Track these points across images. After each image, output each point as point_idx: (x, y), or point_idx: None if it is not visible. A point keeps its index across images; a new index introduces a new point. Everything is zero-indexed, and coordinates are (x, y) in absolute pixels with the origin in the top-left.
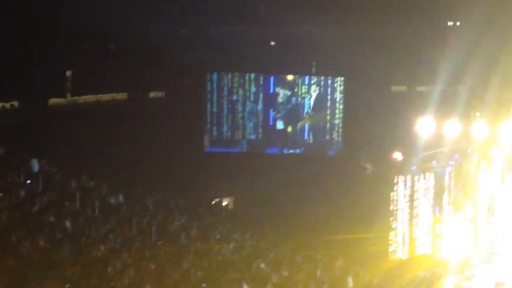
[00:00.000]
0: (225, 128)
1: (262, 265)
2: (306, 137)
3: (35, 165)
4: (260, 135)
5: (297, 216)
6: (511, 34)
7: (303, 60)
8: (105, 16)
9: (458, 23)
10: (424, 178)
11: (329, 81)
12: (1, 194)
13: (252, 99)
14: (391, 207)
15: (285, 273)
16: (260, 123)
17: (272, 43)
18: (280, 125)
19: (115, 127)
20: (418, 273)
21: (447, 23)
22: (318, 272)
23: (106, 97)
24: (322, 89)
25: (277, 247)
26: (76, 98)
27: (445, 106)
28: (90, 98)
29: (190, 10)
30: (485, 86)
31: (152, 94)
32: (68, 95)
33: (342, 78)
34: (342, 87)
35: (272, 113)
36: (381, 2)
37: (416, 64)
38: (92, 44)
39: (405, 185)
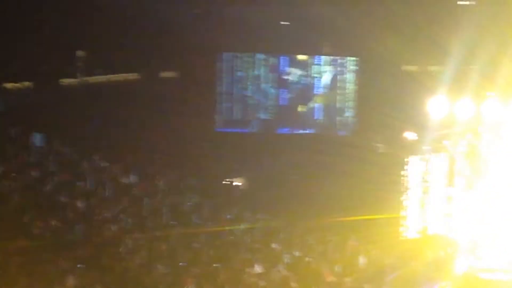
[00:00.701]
0: (236, 108)
1: (274, 245)
2: (317, 117)
3: (39, 139)
4: (271, 115)
5: (309, 196)
6: None
7: (315, 40)
8: None
9: (469, 2)
10: (436, 158)
11: (341, 61)
12: (14, 174)
13: (263, 79)
14: (403, 187)
15: (297, 253)
16: (272, 103)
17: (284, 23)
18: (291, 105)
19: (126, 107)
20: (430, 252)
21: (457, 2)
22: (330, 252)
23: (118, 77)
24: (334, 69)
25: (288, 227)
26: (88, 78)
27: (457, 86)
28: (101, 78)
29: None
30: (497, 66)
31: (163, 74)
32: (80, 75)
33: (354, 58)
34: (354, 67)
35: (283, 93)
36: None
37: (428, 43)
38: (103, 24)
39: (417, 165)
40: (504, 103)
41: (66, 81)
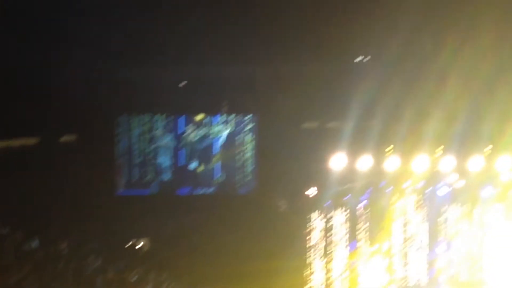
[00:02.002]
0: (136, 170)
1: None
2: (217, 176)
3: None
4: (172, 176)
5: (212, 255)
6: (423, 67)
7: (213, 99)
8: (15, 58)
9: (367, 58)
10: (339, 213)
11: (240, 119)
12: None
13: (163, 139)
14: (306, 244)
15: None
16: (172, 164)
17: (182, 83)
18: (191, 165)
19: (26, 172)
20: None
21: (354, 59)
22: None
23: (14, 142)
24: (233, 127)
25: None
26: None
27: (358, 141)
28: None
29: (98, 54)
30: (397, 121)
31: (62, 139)
32: None
33: (252, 116)
34: (252, 125)
35: (183, 153)
36: (289, 42)
37: (327, 100)
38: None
39: (320, 221)
40: (404, 157)
41: None
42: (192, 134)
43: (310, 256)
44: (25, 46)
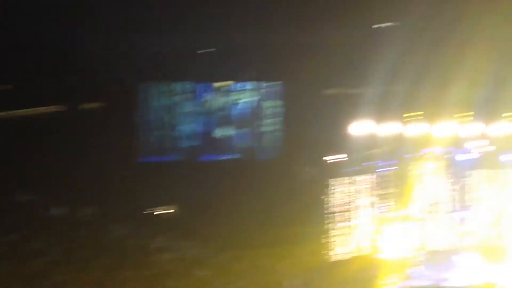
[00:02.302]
0: (159, 137)
1: (203, 273)
2: (241, 143)
3: None
4: (195, 143)
5: (236, 222)
6: (445, 32)
7: (237, 67)
8: (41, 28)
9: (391, 24)
10: (362, 179)
11: (264, 86)
12: None
13: (186, 107)
14: (329, 209)
15: (226, 280)
16: (195, 131)
17: (205, 51)
18: (215, 131)
19: (51, 140)
20: (357, 273)
21: (379, 25)
22: (259, 278)
23: (38, 110)
24: (256, 94)
25: (217, 254)
26: (7, 112)
27: (381, 107)
28: (21, 112)
29: (120, 23)
30: (420, 87)
31: (84, 107)
32: (5, 109)
33: (277, 83)
34: (276, 92)
35: (206, 120)
36: (311, 8)
37: (350, 66)
38: (28, 56)
39: (344, 187)
40: (428, 123)
41: None
42: (216, 101)
43: (333, 221)
44: (48, 18)
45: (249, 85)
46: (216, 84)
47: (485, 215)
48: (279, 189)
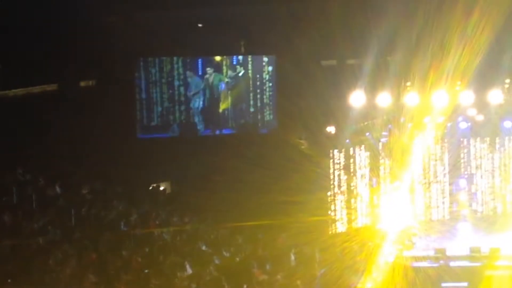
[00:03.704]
0: (156, 113)
1: (203, 248)
2: (238, 117)
3: None
4: (191, 118)
5: (235, 196)
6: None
7: (232, 40)
8: (32, 4)
9: None
10: (359, 150)
11: (259, 59)
12: None
13: (181, 82)
14: (327, 181)
15: (227, 254)
16: (191, 106)
17: (199, 25)
18: (211, 106)
19: (47, 118)
20: (357, 244)
21: None
22: (260, 251)
23: (36, 89)
24: (252, 67)
25: (217, 228)
26: (5, 92)
27: (376, 78)
28: (18, 90)
29: None
30: (416, 56)
31: (82, 84)
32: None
33: (272, 55)
34: (272, 65)
35: (202, 95)
36: None
37: (345, 37)
38: (19, 35)
39: (340, 158)
40: (423, 92)
41: None
42: (212, 76)
43: (332, 193)
44: None
45: (244, 58)
46: (213, 58)
47: (486, 183)
48: (278, 161)
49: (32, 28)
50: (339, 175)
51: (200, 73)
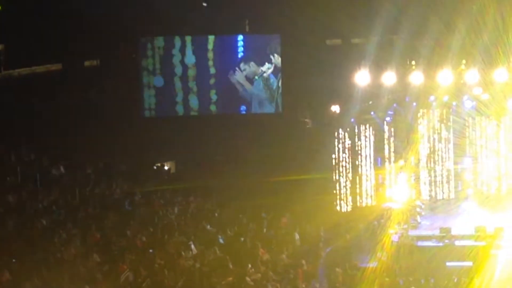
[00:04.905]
0: (162, 92)
1: (208, 227)
2: (244, 96)
3: None
4: (197, 97)
5: (240, 176)
6: None
7: (236, 19)
8: None
9: None
10: (364, 129)
11: (264, 38)
12: None
13: (187, 60)
14: (333, 160)
15: (231, 233)
16: (196, 85)
17: (204, 4)
18: (216, 85)
19: (51, 98)
20: (362, 223)
21: None
22: (264, 230)
23: (40, 68)
24: (256, 46)
25: (221, 208)
26: (10, 71)
27: (381, 57)
28: (23, 70)
29: None
30: (420, 35)
31: (87, 63)
32: (2, 68)
33: (277, 34)
34: (277, 43)
35: (207, 74)
36: None
37: (350, 16)
38: (23, 15)
39: (346, 137)
40: (428, 72)
41: None
42: (217, 55)
43: (338, 172)
44: None
45: (249, 37)
46: (216, 37)
47: (491, 162)
48: (283, 140)
49: (37, 6)
50: (344, 154)
51: (204, 52)
